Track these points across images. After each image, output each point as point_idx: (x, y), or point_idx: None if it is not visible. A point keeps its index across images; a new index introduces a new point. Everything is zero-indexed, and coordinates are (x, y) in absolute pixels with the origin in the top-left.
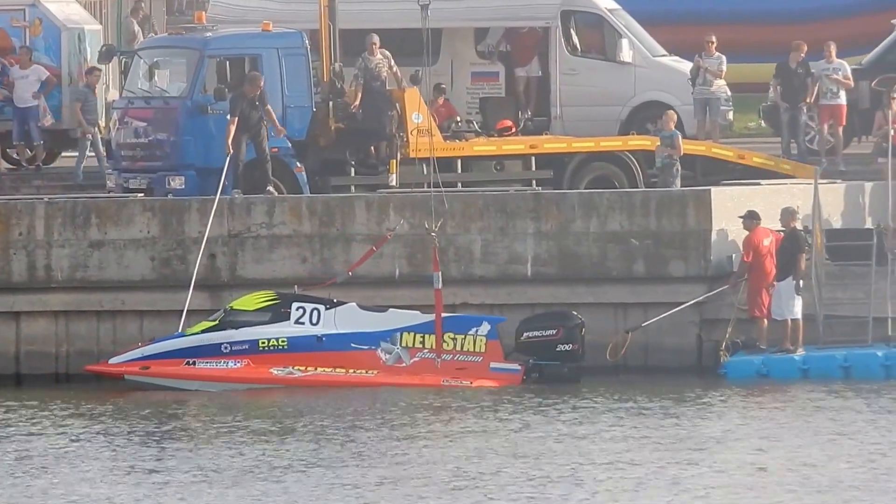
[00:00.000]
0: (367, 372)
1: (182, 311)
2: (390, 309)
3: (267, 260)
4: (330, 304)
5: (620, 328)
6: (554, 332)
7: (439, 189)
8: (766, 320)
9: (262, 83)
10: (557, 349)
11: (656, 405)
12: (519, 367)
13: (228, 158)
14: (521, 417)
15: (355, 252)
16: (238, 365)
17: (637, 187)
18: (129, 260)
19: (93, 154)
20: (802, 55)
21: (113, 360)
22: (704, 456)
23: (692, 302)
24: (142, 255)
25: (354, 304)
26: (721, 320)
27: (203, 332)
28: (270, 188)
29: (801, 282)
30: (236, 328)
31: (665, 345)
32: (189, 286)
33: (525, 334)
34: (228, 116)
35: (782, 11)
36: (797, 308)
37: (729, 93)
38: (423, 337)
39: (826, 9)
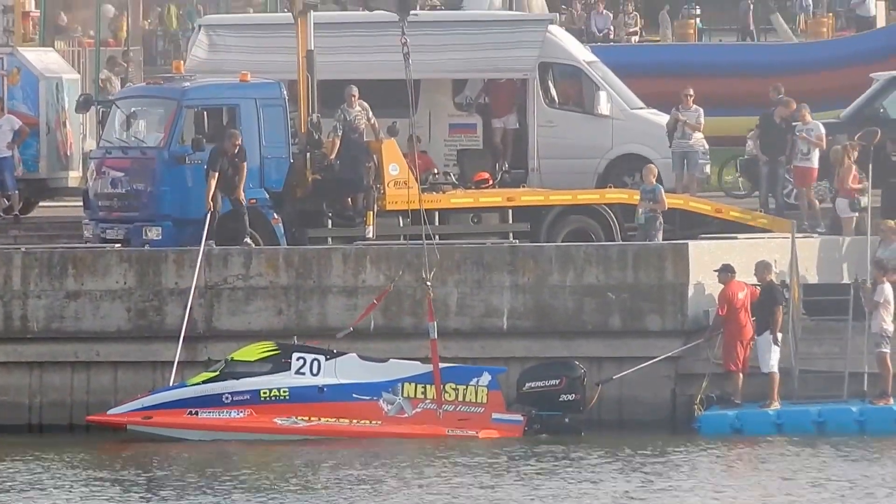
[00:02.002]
0: (370, 422)
1: (156, 362)
2: (391, 359)
3: (243, 312)
4: (330, 355)
5: (595, 382)
6: (557, 381)
7: (430, 241)
8: (741, 374)
9: (241, 140)
10: (560, 399)
11: (620, 460)
12: (521, 418)
13: (209, 215)
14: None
15: (331, 304)
16: (241, 415)
17: (614, 240)
18: (106, 311)
19: None
20: (789, 112)
21: (112, 411)
22: None
23: (664, 356)
24: (118, 306)
25: (355, 354)
26: (696, 375)
27: (203, 382)
28: (247, 240)
29: (778, 335)
30: (237, 379)
31: (640, 399)
32: (164, 337)
33: (527, 384)
34: (209, 171)
35: (760, 64)
36: (773, 362)
37: (706, 146)
38: (425, 387)
39: (804, 62)
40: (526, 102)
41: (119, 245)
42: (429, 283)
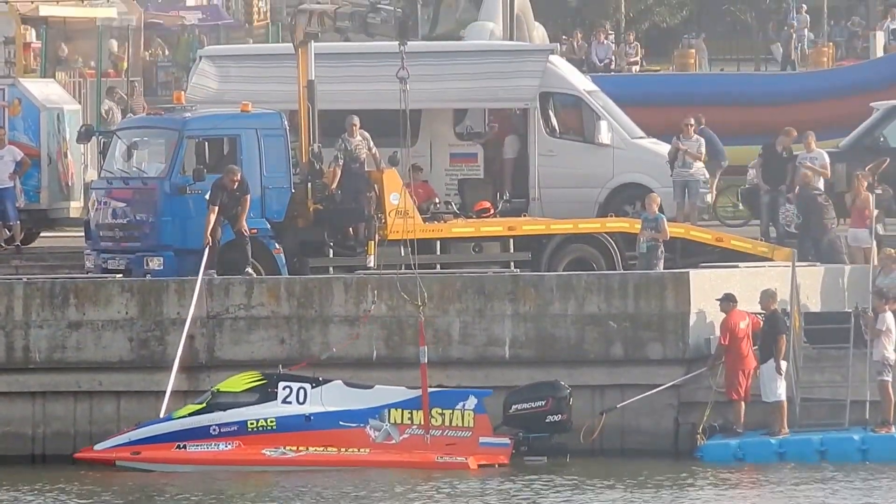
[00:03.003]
0: (358, 450)
1: (158, 391)
2: (376, 385)
3: (245, 341)
4: (316, 383)
5: (598, 411)
6: (543, 403)
7: (421, 271)
8: (743, 403)
9: (239, 175)
10: (546, 420)
11: (627, 489)
12: (508, 441)
13: (207, 249)
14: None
15: (333, 333)
16: (229, 447)
17: (615, 269)
18: (108, 341)
19: None
20: (790, 141)
21: (99, 446)
22: None
23: (668, 385)
24: (120, 336)
25: (340, 381)
26: (698, 403)
27: (190, 415)
28: (249, 269)
29: (782, 364)
30: (224, 410)
31: (642, 427)
32: (167, 367)
33: (514, 406)
34: (209, 205)
35: (760, 94)
36: (780, 390)
37: (707, 175)
38: (412, 413)
39: (804, 92)
40: (527, 132)
41: (120, 275)
42: (421, 309)
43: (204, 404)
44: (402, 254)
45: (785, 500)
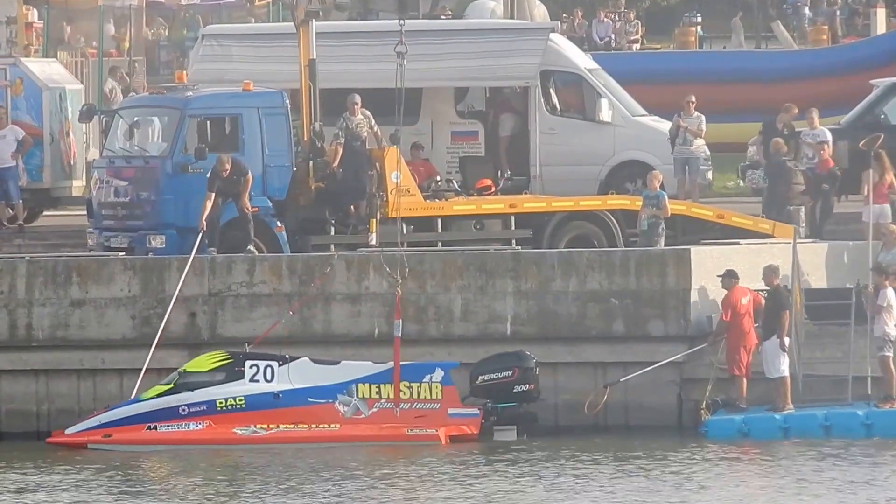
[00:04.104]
0: (329, 426)
1: (161, 369)
2: (343, 361)
3: (247, 319)
4: (283, 361)
5: (600, 387)
6: (510, 373)
7: (407, 249)
8: (745, 379)
9: (230, 163)
10: (514, 390)
11: (635, 464)
12: (477, 412)
13: (201, 234)
14: (498, 476)
15: (335, 311)
16: (200, 426)
17: (616, 246)
18: (110, 318)
19: None
20: (791, 117)
21: (70, 430)
22: None
23: (669, 360)
24: (122, 314)
25: (307, 358)
26: (701, 379)
27: (158, 395)
28: (251, 247)
29: (785, 340)
30: (191, 390)
31: (645, 403)
32: (169, 345)
33: (480, 377)
34: (207, 191)
35: (761, 72)
36: (784, 366)
37: (708, 152)
38: (380, 387)
39: (805, 69)
40: (528, 110)
41: (123, 253)
42: (398, 280)
43: (171, 385)
44: (404, 231)
45: (789, 474)
